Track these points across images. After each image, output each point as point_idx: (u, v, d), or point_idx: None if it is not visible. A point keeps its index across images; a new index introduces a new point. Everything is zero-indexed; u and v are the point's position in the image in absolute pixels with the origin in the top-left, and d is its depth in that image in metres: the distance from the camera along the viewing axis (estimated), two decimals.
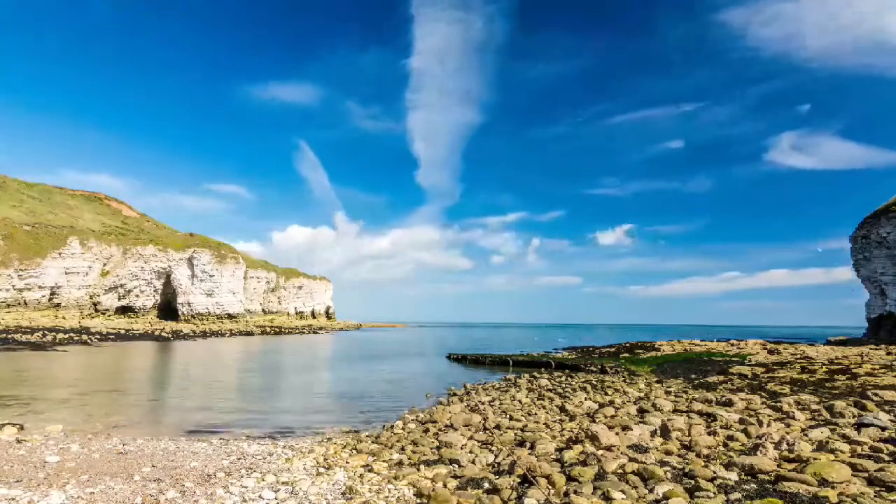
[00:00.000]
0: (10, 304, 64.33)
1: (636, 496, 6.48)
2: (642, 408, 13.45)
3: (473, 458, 8.72)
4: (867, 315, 63.25)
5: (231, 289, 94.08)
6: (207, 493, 6.92)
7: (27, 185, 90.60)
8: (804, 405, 13.09)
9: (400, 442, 10.49)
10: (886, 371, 20.16)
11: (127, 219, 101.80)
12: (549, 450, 8.87)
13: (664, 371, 25.79)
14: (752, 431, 9.97)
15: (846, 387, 16.58)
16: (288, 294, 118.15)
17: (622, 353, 38.74)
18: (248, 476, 7.80)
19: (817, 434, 9.62)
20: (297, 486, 7.30)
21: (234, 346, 49.36)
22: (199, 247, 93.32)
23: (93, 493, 6.78)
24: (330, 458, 9.12)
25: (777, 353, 33.25)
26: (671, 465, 7.80)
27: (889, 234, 58.17)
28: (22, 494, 6.60)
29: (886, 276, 58.94)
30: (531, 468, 7.53)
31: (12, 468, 7.91)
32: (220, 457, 9.10)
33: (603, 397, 16.39)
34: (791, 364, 25.23)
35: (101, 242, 79.54)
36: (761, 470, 7.32)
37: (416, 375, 27.36)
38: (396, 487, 7.33)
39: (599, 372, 26.74)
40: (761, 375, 21.35)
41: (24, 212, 77.20)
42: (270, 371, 28.79)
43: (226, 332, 70.95)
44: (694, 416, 11.98)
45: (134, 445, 9.90)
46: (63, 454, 8.90)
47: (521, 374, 25.49)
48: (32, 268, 66.91)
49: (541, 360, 32.09)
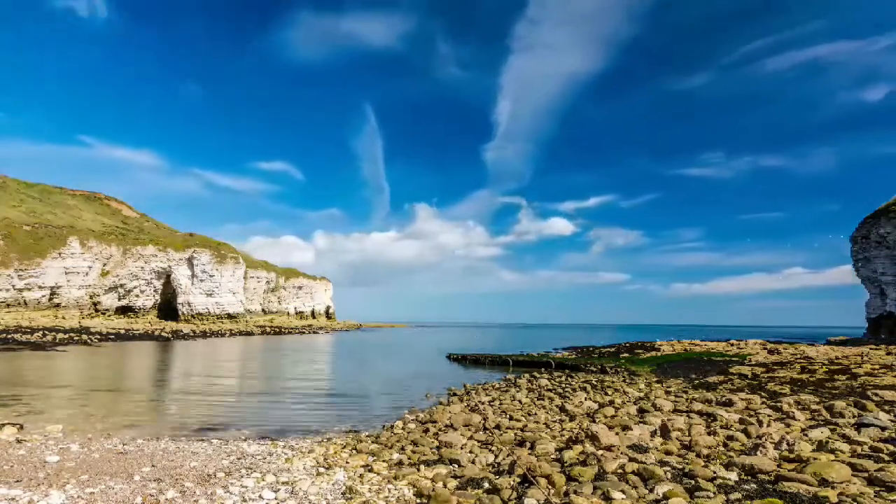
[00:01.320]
0: (10, 304, 64.32)
1: (636, 496, 6.48)
2: (642, 408, 13.45)
3: (473, 458, 8.72)
4: (867, 315, 63.27)
5: (231, 289, 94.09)
6: (207, 493, 6.92)
7: (27, 185, 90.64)
8: (804, 405, 13.09)
9: (400, 442, 10.49)
10: (886, 371, 20.16)
11: (127, 219, 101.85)
12: (549, 450, 8.86)
13: (664, 371, 25.78)
14: (752, 431, 9.97)
15: (846, 387, 16.58)
16: (288, 294, 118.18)
17: (622, 353, 38.75)
18: (247, 476, 7.80)
19: (817, 434, 9.62)
20: (297, 486, 7.30)
21: (234, 346, 49.35)
22: (199, 247, 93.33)
23: (93, 493, 6.78)
24: (330, 458, 9.12)
25: (777, 353, 33.24)
26: (671, 465, 7.80)
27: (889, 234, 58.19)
28: (22, 494, 6.60)
29: (886, 276, 58.95)
30: (531, 468, 7.52)
31: (12, 468, 7.90)
32: (220, 457, 9.10)
33: (603, 397, 16.38)
34: (791, 364, 25.22)
35: (101, 242, 79.54)
36: (761, 470, 7.32)
37: (416, 375, 27.35)
38: (396, 487, 7.33)
39: (599, 372, 26.73)
40: (761, 375, 21.35)
41: (24, 212, 77.19)
42: (270, 371, 28.78)
43: (226, 332, 70.93)
44: (694, 416, 11.98)
45: (134, 445, 9.90)
46: (63, 454, 8.90)
47: (521, 374, 25.48)
48: (32, 268, 66.89)
49: (541, 360, 32.07)
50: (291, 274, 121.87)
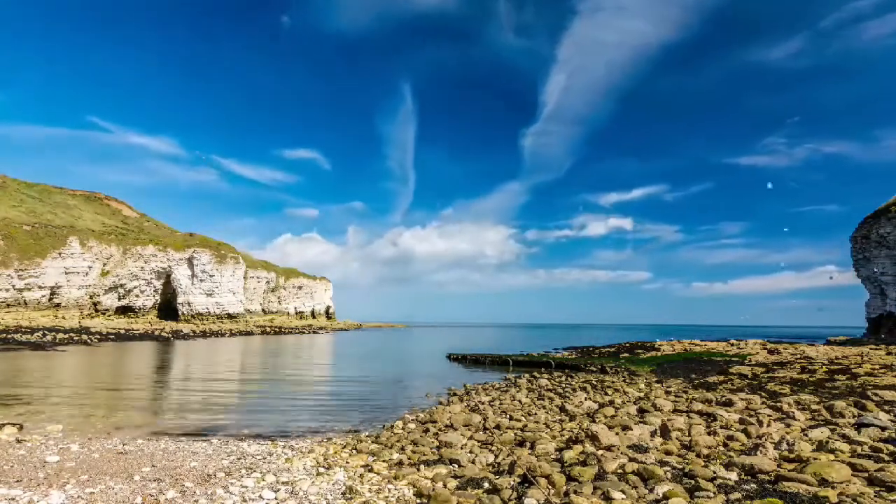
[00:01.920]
0: (10, 304, 64.31)
1: (636, 496, 6.48)
2: (642, 408, 13.44)
3: (473, 458, 8.72)
4: (867, 315, 63.30)
5: (231, 289, 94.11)
6: (207, 493, 6.92)
7: (27, 185, 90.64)
8: (804, 405, 13.09)
9: (400, 442, 10.49)
10: (886, 371, 20.17)
11: (127, 219, 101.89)
12: (549, 450, 8.87)
13: (664, 371, 25.79)
14: (752, 431, 9.96)
15: (846, 387, 16.58)
16: (288, 294, 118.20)
17: (622, 353, 38.75)
18: (248, 476, 7.79)
19: (817, 434, 9.62)
20: (297, 485, 7.30)
21: (234, 345, 49.34)
22: (199, 247, 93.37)
23: (93, 493, 6.78)
24: (330, 458, 9.12)
25: (777, 353, 33.25)
26: (671, 465, 7.80)
27: (889, 234, 58.21)
28: (22, 494, 6.60)
29: (886, 276, 58.97)
30: (531, 468, 7.52)
31: (12, 468, 7.90)
32: (220, 457, 9.10)
33: (603, 397, 16.38)
34: (791, 364, 25.23)
35: (101, 242, 79.55)
36: (761, 470, 7.32)
37: (416, 375, 27.35)
38: (396, 487, 7.33)
39: (599, 372, 26.73)
40: (761, 375, 21.35)
41: (24, 212, 77.20)
42: (270, 371, 28.77)
43: (226, 332, 70.93)
44: (694, 416, 11.98)
45: (134, 445, 9.90)
46: (63, 454, 8.90)
47: (521, 374, 25.48)
48: (32, 268, 66.90)
49: (541, 360, 32.08)
50: (291, 274, 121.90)
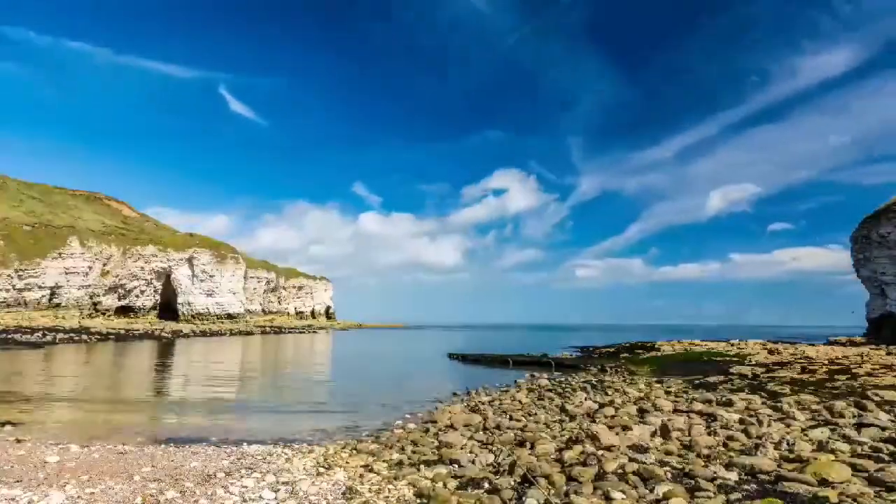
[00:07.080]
0: (10, 304, 64.31)
1: (636, 496, 6.47)
2: (642, 408, 13.43)
3: (473, 459, 8.71)
4: (867, 315, 63.22)
5: (231, 289, 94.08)
6: (207, 493, 6.92)
7: (27, 185, 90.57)
8: (804, 405, 13.09)
9: (400, 442, 10.49)
10: (886, 371, 20.16)
11: (127, 219, 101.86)
12: (549, 450, 8.86)
13: (664, 371, 25.77)
14: (753, 431, 9.96)
15: (846, 387, 16.58)
16: (288, 294, 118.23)
17: (622, 353, 38.75)
18: (248, 476, 7.79)
19: (817, 434, 9.61)
20: (297, 486, 7.30)
21: (234, 345, 49.34)
22: (199, 247, 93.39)
23: (93, 493, 6.77)
24: (330, 458, 9.12)
25: (777, 354, 33.22)
26: (671, 465, 7.80)
27: (889, 234, 58.16)
28: (22, 494, 6.60)
29: (887, 276, 58.90)
30: (531, 468, 7.52)
31: (12, 468, 7.90)
32: (219, 457, 9.10)
33: (603, 397, 16.37)
34: (791, 364, 25.21)
35: (101, 242, 79.56)
36: (761, 470, 7.32)
37: (416, 375, 27.35)
38: (396, 487, 7.33)
39: (599, 372, 26.73)
40: (761, 375, 21.34)
41: (24, 212, 77.16)
42: (270, 371, 28.78)
43: (226, 332, 70.95)
44: (694, 416, 11.97)
45: (134, 445, 9.90)
46: (63, 454, 8.89)
47: (521, 374, 25.47)
48: (32, 268, 66.90)
49: (541, 360, 32.07)
50: (291, 274, 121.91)
